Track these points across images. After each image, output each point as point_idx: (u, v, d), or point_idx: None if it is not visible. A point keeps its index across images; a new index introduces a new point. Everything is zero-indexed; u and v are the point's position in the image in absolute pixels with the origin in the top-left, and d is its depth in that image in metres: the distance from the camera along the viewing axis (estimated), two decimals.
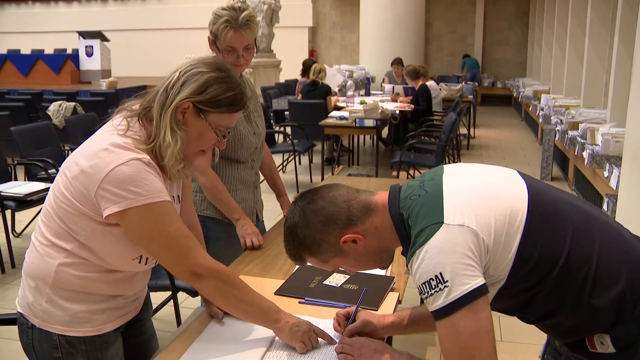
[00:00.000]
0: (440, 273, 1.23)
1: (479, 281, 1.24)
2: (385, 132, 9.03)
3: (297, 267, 2.16)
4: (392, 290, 1.99)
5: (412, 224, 1.33)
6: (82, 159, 1.50)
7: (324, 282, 2.04)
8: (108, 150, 1.47)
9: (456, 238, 1.24)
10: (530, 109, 11.14)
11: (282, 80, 12.68)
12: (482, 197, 1.32)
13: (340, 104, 8.46)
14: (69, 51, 15.88)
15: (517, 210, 1.30)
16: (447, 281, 1.22)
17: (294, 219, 1.46)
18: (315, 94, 7.96)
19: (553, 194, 1.40)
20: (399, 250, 1.47)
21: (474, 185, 1.36)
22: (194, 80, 1.53)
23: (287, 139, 7.58)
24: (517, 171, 1.45)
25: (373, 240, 1.43)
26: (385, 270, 2.09)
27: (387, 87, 10.09)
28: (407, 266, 1.33)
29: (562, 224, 1.32)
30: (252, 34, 2.38)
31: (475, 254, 1.25)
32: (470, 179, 1.39)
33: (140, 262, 1.60)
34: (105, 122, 1.61)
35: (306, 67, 9.22)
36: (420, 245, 1.26)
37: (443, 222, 1.26)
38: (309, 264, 1.52)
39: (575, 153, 6.22)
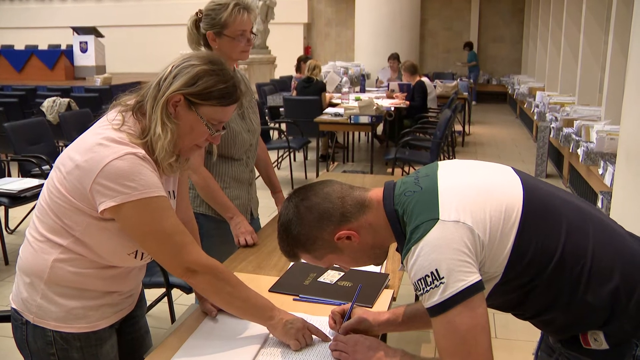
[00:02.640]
0: (436, 270, 1.23)
1: (475, 277, 1.24)
2: (380, 128, 9.03)
3: (292, 264, 2.16)
4: (386, 287, 1.99)
5: (407, 220, 1.32)
6: (76, 154, 1.49)
7: (318, 279, 2.03)
8: (103, 144, 1.47)
9: (452, 234, 1.24)
10: (525, 106, 11.16)
11: (277, 76, 12.66)
12: (478, 193, 1.32)
13: (335, 101, 8.45)
14: (63, 47, 15.79)
15: (512, 206, 1.30)
16: (443, 278, 1.22)
17: (287, 216, 1.45)
18: (310, 90, 7.96)
19: (547, 190, 1.41)
20: (393, 246, 1.46)
21: (469, 181, 1.36)
22: (185, 73, 1.53)
23: (282, 136, 7.57)
24: (512, 167, 1.45)
25: (367, 237, 1.43)
26: (379, 266, 2.10)
27: (382, 75, 10.19)
28: (402, 263, 1.33)
29: (556, 220, 1.33)
30: (255, 15, 2.41)
31: (471, 250, 1.25)
32: (465, 175, 1.39)
33: (135, 257, 1.60)
34: (100, 118, 1.60)
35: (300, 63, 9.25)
36: (416, 241, 1.26)
37: (438, 219, 1.26)
38: (303, 260, 1.52)
39: (570, 150, 6.23)
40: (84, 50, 14.52)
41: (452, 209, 1.27)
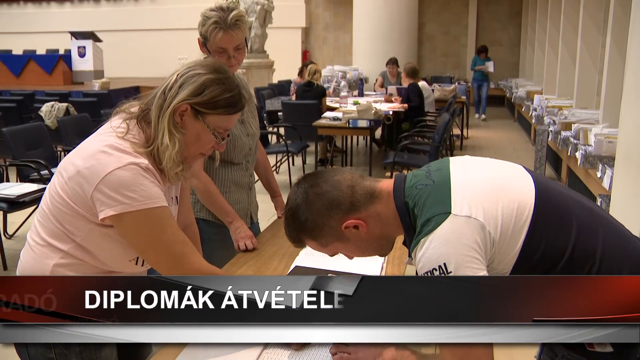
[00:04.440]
0: (445, 263, 1.23)
1: (482, 274, 1.24)
2: (378, 132, 9.04)
3: (292, 268, 2.16)
4: None
5: (418, 213, 1.33)
6: (78, 160, 1.50)
7: None
8: (106, 152, 1.47)
9: (463, 229, 1.25)
10: (523, 109, 11.16)
11: (275, 80, 12.66)
12: (490, 189, 1.32)
13: (333, 105, 8.46)
14: (61, 52, 15.79)
15: (524, 204, 1.30)
16: (451, 272, 1.23)
17: (296, 201, 1.44)
18: (310, 94, 7.96)
19: (559, 190, 1.41)
20: (399, 240, 1.46)
21: (482, 177, 1.36)
22: (191, 82, 1.52)
23: (281, 140, 7.57)
24: (523, 166, 1.45)
25: (375, 227, 1.42)
26: (383, 257, 2.09)
27: (380, 90, 10.17)
28: (409, 255, 1.33)
29: (567, 220, 1.33)
30: (242, 34, 2.36)
31: (481, 246, 1.25)
32: (477, 171, 1.40)
33: (136, 263, 1.60)
34: (104, 124, 1.60)
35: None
36: (426, 234, 1.26)
37: (450, 213, 1.26)
38: (307, 247, 1.51)
39: (568, 153, 6.24)
40: (82, 55, 14.54)
41: (465, 203, 1.27)
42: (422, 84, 8.65)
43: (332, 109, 8.18)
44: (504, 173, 1.41)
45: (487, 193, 1.31)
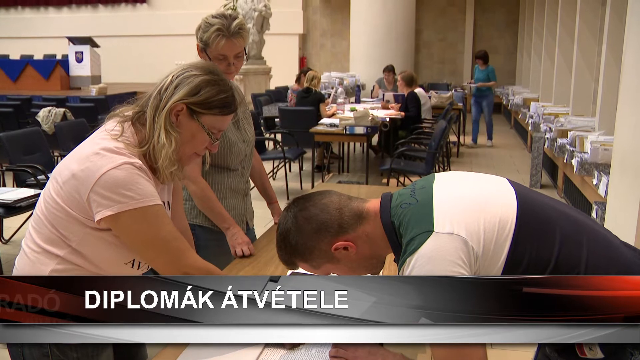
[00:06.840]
0: None
1: None
2: (375, 139, 9.06)
3: (288, 274, 2.16)
4: None
5: (403, 232, 1.35)
6: (73, 163, 1.51)
7: None
8: (100, 154, 1.49)
9: (446, 246, 1.26)
10: (519, 116, 11.19)
11: (272, 87, 12.69)
12: (472, 205, 1.33)
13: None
14: (59, 57, 15.81)
15: (506, 218, 1.32)
16: None
17: (286, 226, 1.47)
18: (308, 100, 7.99)
19: (541, 201, 1.42)
20: (390, 257, 1.48)
21: (464, 194, 1.38)
22: (187, 83, 1.55)
23: (278, 146, 7.58)
24: (507, 179, 1.47)
25: (364, 247, 1.44)
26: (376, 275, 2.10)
27: (380, 93, 10.09)
28: (398, 274, 1.35)
29: (550, 231, 1.34)
30: (243, 42, 2.39)
31: (465, 262, 1.26)
32: (460, 187, 1.41)
33: (132, 266, 1.62)
34: (97, 128, 1.62)
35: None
36: (411, 253, 1.28)
37: (433, 231, 1.28)
38: (300, 269, 1.53)
39: (565, 161, 6.26)
40: (79, 60, 14.54)
41: (447, 221, 1.29)
42: (418, 90, 8.67)
43: (329, 116, 8.19)
44: (487, 188, 1.43)
45: (469, 209, 1.33)
